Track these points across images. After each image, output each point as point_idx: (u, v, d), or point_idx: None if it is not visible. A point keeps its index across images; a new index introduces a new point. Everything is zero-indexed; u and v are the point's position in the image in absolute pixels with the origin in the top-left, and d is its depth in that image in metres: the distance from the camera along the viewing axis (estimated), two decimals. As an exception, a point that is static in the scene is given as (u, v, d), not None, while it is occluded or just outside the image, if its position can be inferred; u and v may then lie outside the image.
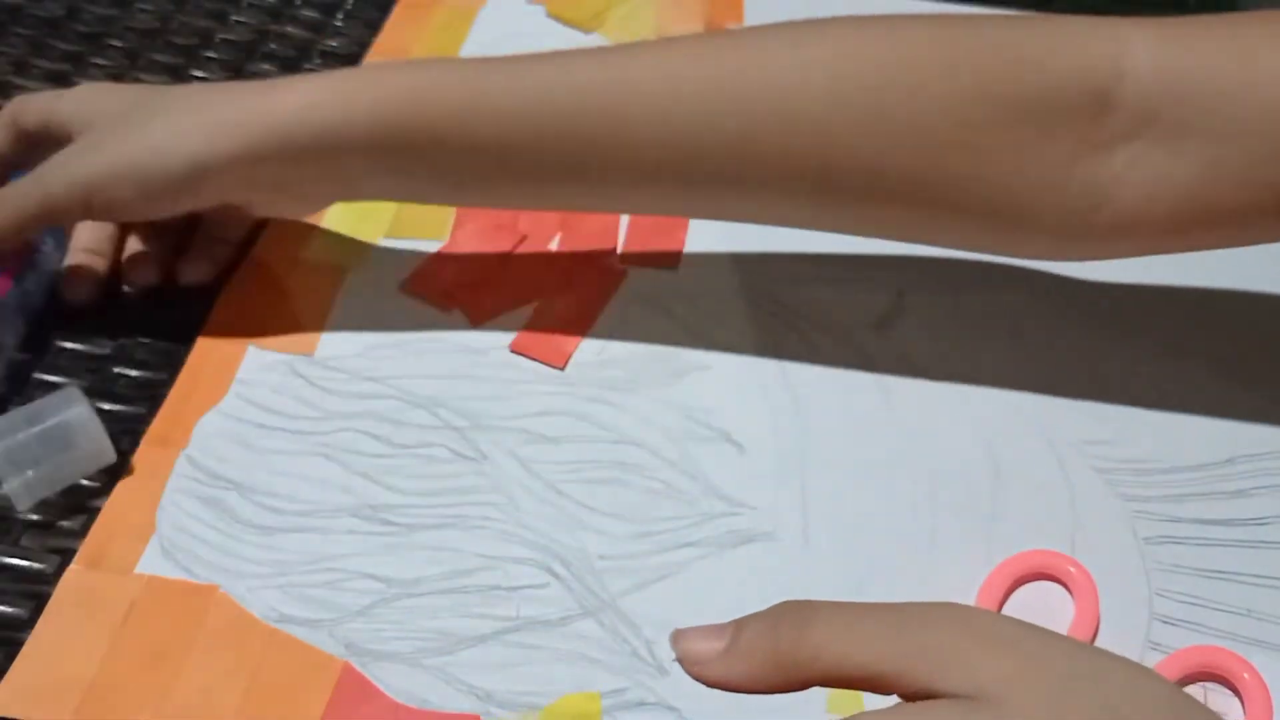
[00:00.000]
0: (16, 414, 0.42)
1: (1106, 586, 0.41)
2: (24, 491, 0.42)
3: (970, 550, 0.42)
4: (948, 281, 0.51)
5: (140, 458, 0.44)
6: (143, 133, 0.42)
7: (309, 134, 0.41)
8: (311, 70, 0.61)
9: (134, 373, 0.48)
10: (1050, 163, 0.37)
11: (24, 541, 0.42)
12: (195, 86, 0.46)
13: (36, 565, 0.42)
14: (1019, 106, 0.37)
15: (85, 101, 0.46)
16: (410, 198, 0.46)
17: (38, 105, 0.47)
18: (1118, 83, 0.37)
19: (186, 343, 0.48)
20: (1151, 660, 0.40)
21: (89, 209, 0.43)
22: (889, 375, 0.47)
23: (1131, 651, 0.40)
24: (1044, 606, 0.41)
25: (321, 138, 0.41)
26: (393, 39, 0.62)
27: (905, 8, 0.65)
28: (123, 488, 0.43)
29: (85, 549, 0.41)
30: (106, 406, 0.46)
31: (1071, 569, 0.41)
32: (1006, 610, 0.41)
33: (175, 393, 0.46)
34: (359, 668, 0.39)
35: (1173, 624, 0.41)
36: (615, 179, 0.41)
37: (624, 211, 0.45)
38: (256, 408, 0.46)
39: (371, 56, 0.61)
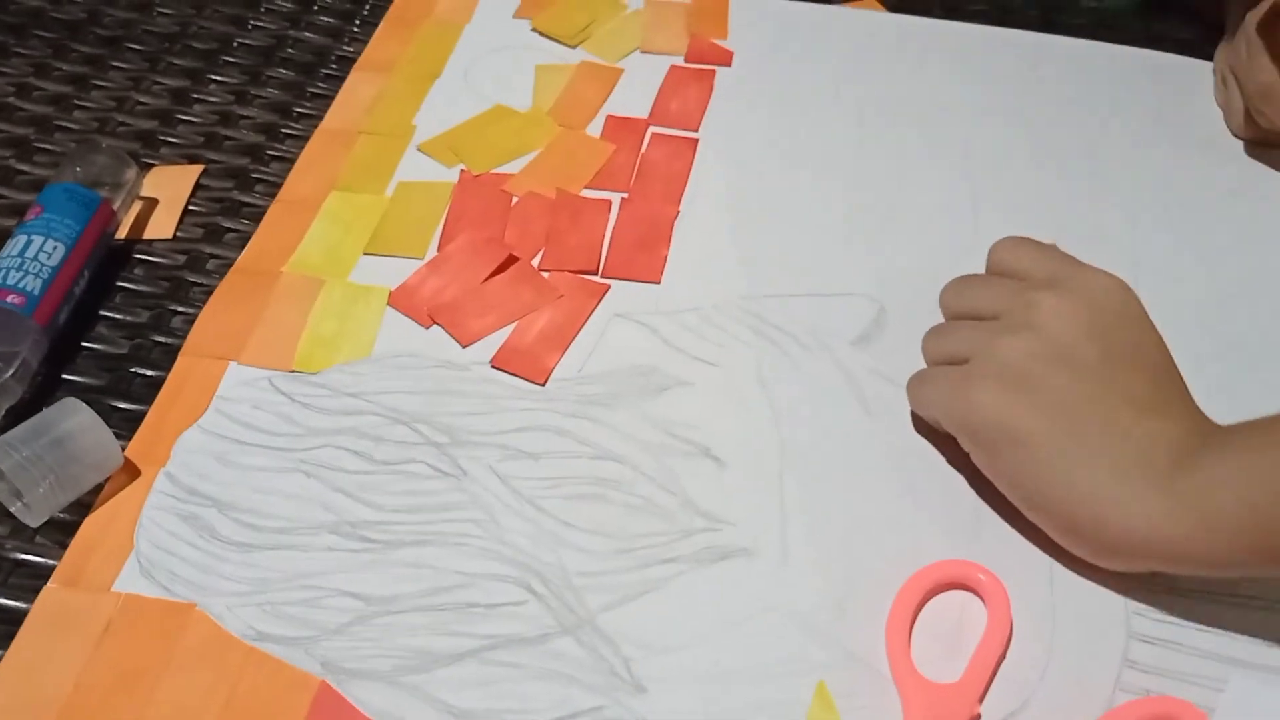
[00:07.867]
0: (24, 428, 0.42)
1: (1083, 604, 0.41)
2: (41, 505, 0.41)
3: (949, 567, 0.42)
4: (927, 297, 0.51)
5: (119, 475, 0.44)
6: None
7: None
8: (329, 76, 0.61)
9: (149, 373, 0.48)
10: None
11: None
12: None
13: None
14: None
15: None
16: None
17: None
18: None
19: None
20: (1125, 682, 0.40)
21: None
22: (869, 391, 0.47)
23: (1108, 669, 0.40)
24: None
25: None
26: (379, 52, 0.62)
27: (907, 29, 0.64)
28: (101, 505, 0.43)
29: (62, 567, 0.41)
30: (122, 405, 0.47)
31: (982, 576, 0.41)
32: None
33: (155, 409, 0.46)
34: (336, 686, 0.39)
35: (1150, 642, 0.40)
36: None
37: None
38: (237, 424, 0.46)
39: (359, 69, 0.61)
